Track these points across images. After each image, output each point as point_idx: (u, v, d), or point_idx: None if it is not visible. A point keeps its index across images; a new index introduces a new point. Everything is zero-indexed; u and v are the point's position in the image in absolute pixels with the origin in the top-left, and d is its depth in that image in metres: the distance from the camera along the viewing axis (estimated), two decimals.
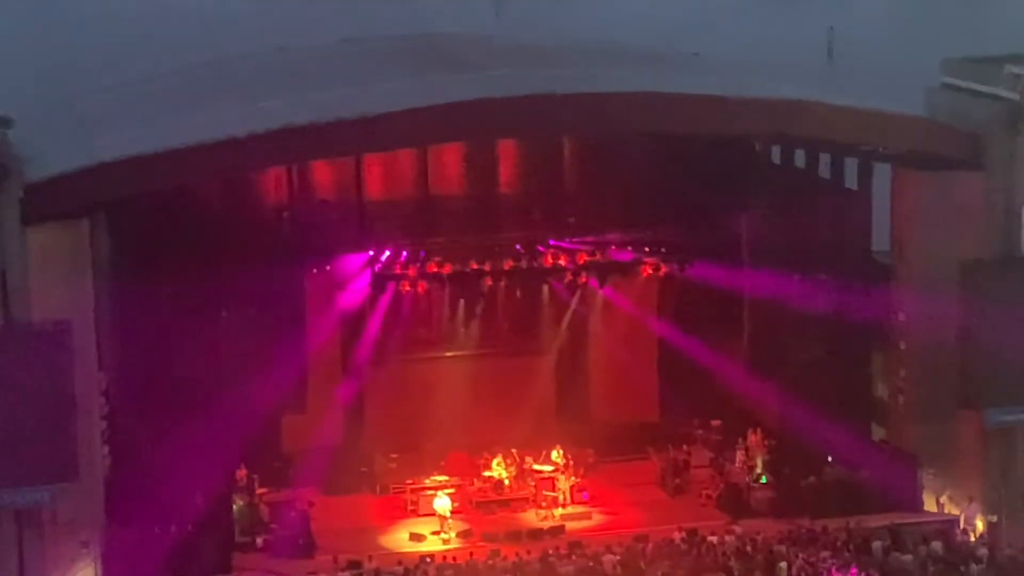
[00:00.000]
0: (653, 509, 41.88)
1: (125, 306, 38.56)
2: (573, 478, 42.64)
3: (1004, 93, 38.99)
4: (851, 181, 43.09)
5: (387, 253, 43.21)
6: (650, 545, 37.51)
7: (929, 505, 40.60)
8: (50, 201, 35.41)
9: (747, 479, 42.42)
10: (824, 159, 43.69)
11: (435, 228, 43.89)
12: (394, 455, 44.09)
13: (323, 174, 44.09)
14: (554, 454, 42.92)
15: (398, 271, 43.37)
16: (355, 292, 43.65)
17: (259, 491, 41.21)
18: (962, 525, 39.18)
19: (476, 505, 42.20)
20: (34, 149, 35.96)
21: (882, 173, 41.82)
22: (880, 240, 42.28)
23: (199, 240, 40.31)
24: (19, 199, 34.89)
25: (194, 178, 38.23)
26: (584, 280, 45.01)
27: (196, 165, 36.61)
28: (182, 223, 40.10)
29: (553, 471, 42.73)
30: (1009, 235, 39.47)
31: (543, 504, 41.93)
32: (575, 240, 44.28)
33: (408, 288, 43.60)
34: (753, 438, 43.26)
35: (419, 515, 41.58)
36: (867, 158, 42.04)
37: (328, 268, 43.03)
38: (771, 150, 45.70)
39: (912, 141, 39.87)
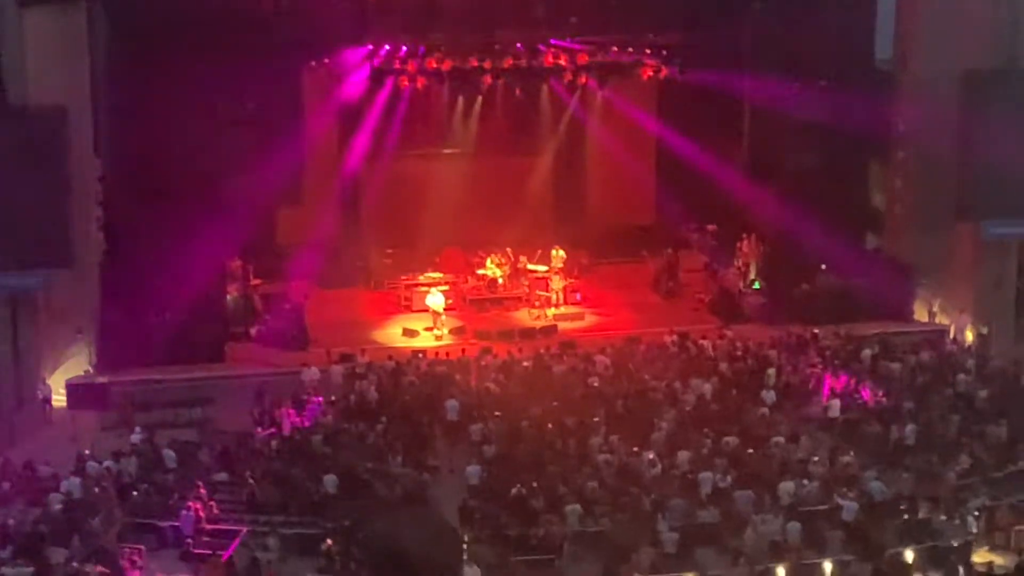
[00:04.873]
0: (645, 311, 41.59)
1: (122, 93, 37.60)
2: (567, 279, 42.29)
3: None
4: None
5: (386, 48, 42.01)
6: (642, 347, 37.24)
7: (920, 315, 40.39)
8: None
9: (740, 284, 42.11)
10: None
11: (436, 23, 42.54)
12: (389, 250, 43.72)
13: None
14: (556, 253, 42.50)
15: (397, 66, 42.25)
16: (353, 86, 42.65)
17: (253, 282, 40.83)
18: (952, 335, 38.91)
19: (469, 303, 41.97)
20: None
21: None
22: (883, 48, 41.21)
23: (198, 28, 39.09)
24: None
25: None
26: (584, 81, 43.95)
27: None
28: (181, 10, 38.88)
29: (547, 271, 42.36)
30: (1014, 47, 38.50)
31: (536, 304, 41.68)
32: (576, 40, 43.08)
33: (407, 84, 42.51)
34: (748, 244, 42.78)
35: (412, 311, 41.34)
36: None
37: (327, 62, 41.96)
38: None
39: None
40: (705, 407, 33.37)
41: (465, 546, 27.28)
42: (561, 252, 42.72)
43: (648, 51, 43.43)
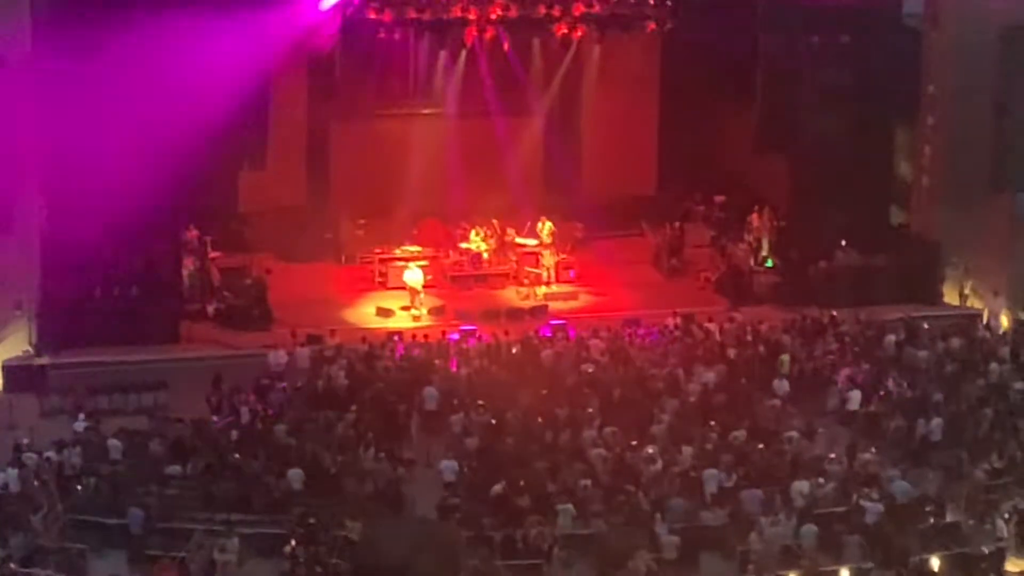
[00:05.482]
0: (646, 291, 41.65)
1: (67, 45, 37.43)
2: (559, 254, 42.29)
3: None
4: None
5: None
6: (641, 330, 37.27)
7: (950, 298, 40.53)
8: None
9: (751, 262, 42.16)
10: None
11: None
12: (362, 220, 43.63)
13: None
14: (541, 227, 42.52)
15: (372, 16, 42.08)
16: (323, 38, 42.51)
17: (211, 255, 40.76)
18: (985, 321, 39.02)
19: (451, 279, 41.98)
20: None
21: None
22: (913, 2, 41.22)
23: None
24: None
25: None
26: (580, 34, 43.75)
27: None
28: None
29: (537, 245, 42.36)
30: None
31: (525, 281, 41.75)
32: None
33: (383, 35, 42.34)
34: (759, 217, 42.82)
35: (387, 288, 41.36)
36: None
37: (294, 9, 41.82)
38: None
39: None
40: (710, 397, 33.41)
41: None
42: (549, 224, 42.70)
43: (651, 2, 43.32)
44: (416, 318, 39.51)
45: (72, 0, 37.00)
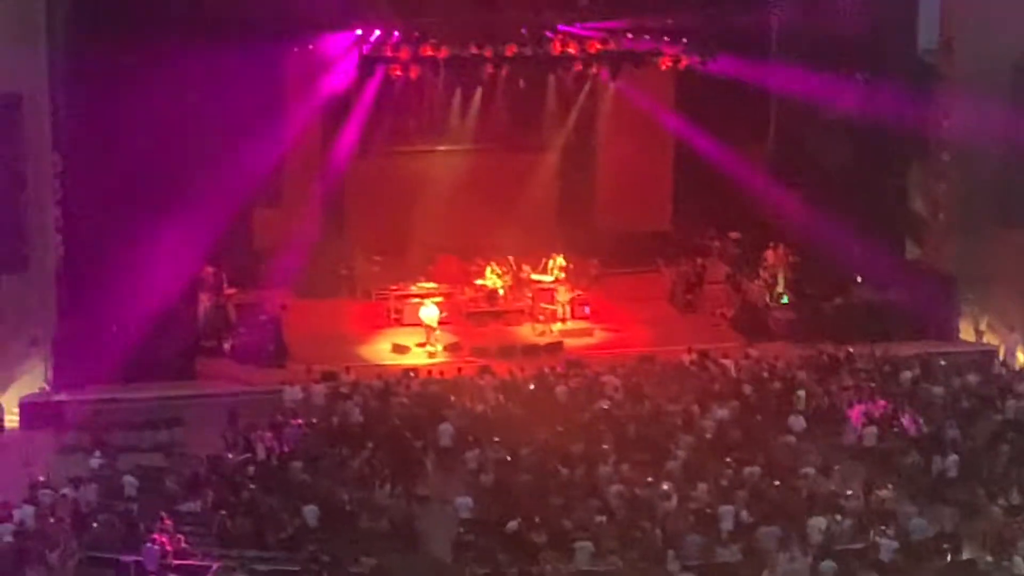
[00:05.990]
0: (661, 327, 41.64)
1: (84, 81, 37.62)
2: (575, 290, 42.28)
3: None
4: None
5: (377, 33, 42.03)
6: (657, 366, 37.21)
7: (966, 333, 40.42)
8: None
9: (766, 298, 42.08)
10: None
11: (431, 6, 42.62)
12: (377, 257, 43.74)
13: None
14: (553, 263, 42.52)
15: (388, 54, 42.16)
16: (340, 76, 42.61)
17: (227, 291, 40.84)
18: (1001, 356, 38.91)
19: (466, 316, 42.02)
20: None
21: None
22: (927, 36, 41.24)
23: (168, 11, 39.12)
24: None
25: None
26: (595, 71, 43.87)
27: None
28: None
29: (553, 282, 42.38)
30: None
31: (540, 318, 41.70)
32: (586, 26, 43.05)
33: (399, 73, 42.36)
34: (774, 253, 42.75)
35: (403, 324, 41.43)
36: None
37: (311, 48, 41.94)
38: None
39: None
40: (726, 433, 33.30)
41: None
42: (560, 260, 42.77)
43: (666, 39, 43.34)
44: (432, 355, 39.52)
45: (88, 36, 37.11)
